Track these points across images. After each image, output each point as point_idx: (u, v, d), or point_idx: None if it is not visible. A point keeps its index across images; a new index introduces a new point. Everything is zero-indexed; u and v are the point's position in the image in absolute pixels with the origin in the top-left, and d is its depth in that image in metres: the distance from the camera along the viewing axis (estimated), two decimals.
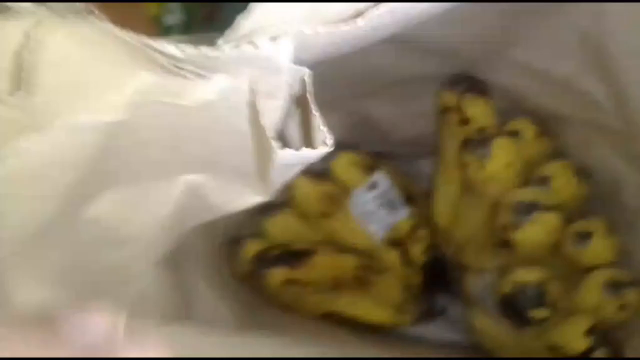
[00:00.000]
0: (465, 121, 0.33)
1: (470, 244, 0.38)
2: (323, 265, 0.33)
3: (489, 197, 0.33)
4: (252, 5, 0.15)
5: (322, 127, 0.16)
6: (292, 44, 0.15)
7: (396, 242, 0.42)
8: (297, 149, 0.17)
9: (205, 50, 0.15)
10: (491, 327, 0.37)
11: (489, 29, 0.26)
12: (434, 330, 0.45)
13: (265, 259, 0.31)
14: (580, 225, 0.32)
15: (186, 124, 0.17)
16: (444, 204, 0.40)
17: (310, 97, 0.17)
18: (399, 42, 0.27)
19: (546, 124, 0.35)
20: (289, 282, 0.31)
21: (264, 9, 0.15)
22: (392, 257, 0.41)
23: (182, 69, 0.16)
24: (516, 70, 0.31)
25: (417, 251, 0.42)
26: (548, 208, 0.29)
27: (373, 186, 0.42)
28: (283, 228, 0.38)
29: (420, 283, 0.43)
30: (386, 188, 0.42)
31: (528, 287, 0.29)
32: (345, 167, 0.40)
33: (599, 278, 0.31)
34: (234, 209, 0.20)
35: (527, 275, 0.29)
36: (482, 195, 0.33)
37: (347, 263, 0.36)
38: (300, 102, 0.17)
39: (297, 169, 0.18)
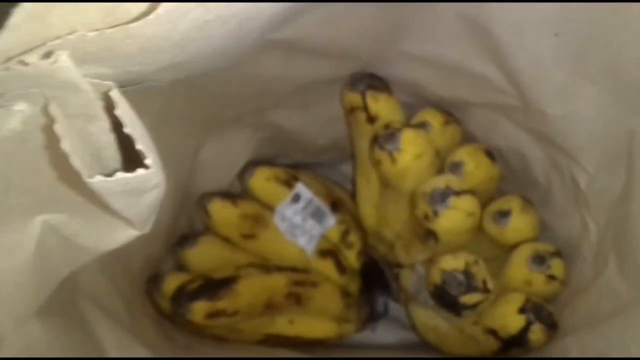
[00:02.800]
0: (372, 119, 0.33)
1: (399, 241, 0.38)
2: (248, 290, 0.31)
3: (406, 191, 0.32)
4: (17, 13, 0.13)
5: (138, 146, 0.15)
6: (69, 55, 0.14)
7: (328, 252, 0.41)
8: (111, 173, 0.15)
9: None
10: (431, 320, 0.37)
11: (372, 26, 0.26)
12: (381, 334, 0.44)
13: (184, 294, 0.29)
14: (497, 205, 0.32)
15: (3, 161, 0.15)
16: (367, 204, 0.39)
17: (123, 114, 0.15)
18: (286, 48, 0.26)
19: (452, 112, 0.35)
20: (214, 314, 0.30)
21: (34, 16, 0.13)
22: (326, 267, 0.41)
23: None
24: (411, 63, 0.31)
25: (351, 257, 0.42)
26: (462, 192, 0.29)
27: (295, 199, 0.41)
28: (205, 257, 0.36)
29: (358, 288, 0.42)
30: (309, 198, 0.41)
31: (455, 274, 0.28)
32: (263, 183, 0.39)
33: (523, 253, 0.31)
34: (110, 246, 0.18)
35: (453, 262, 0.29)
36: (400, 190, 0.33)
37: (277, 282, 0.35)
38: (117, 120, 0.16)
39: (152, 195, 0.17)
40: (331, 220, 0.41)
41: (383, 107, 0.33)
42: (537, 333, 0.29)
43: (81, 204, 0.17)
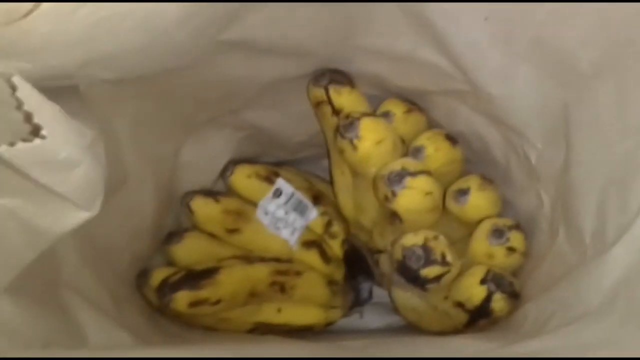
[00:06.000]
0: (337, 111, 0.35)
1: (376, 227, 0.40)
2: (230, 280, 0.33)
3: (372, 177, 0.34)
4: None
5: (35, 121, 0.17)
6: None
7: (313, 243, 0.43)
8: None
9: None
10: (409, 301, 0.39)
11: (318, 24, 0.28)
12: (369, 318, 0.46)
13: (167, 285, 0.31)
14: (457, 184, 0.34)
15: None
16: (344, 195, 0.41)
17: (23, 95, 0.17)
18: (242, 48, 0.28)
19: (414, 101, 0.37)
20: (196, 303, 0.32)
21: None
22: (311, 257, 0.43)
23: None
24: (368, 57, 0.33)
25: (335, 246, 0.44)
26: (417, 172, 0.31)
27: (277, 194, 0.43)
28: (191, 252, 0.38)
29: (343, 276, 0.44)
30: (291, 192, 0.43)
31: (415, 248, 0.30)
32: (244, 180, 0.41)
33: (484, 228, 0.33)
34: (66, 228, 0.20)
35: (413, 238, 0.31)
36: (367, 177, 0.35)
37: (259, 272, 0.37)
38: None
39: (81, 172, 0.19)
40: (313, 213, 0.43)
41: (346, 99, 0.35)
42: (499, 302, 0.31)
43: (31, 188, 0.19)
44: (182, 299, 0.32)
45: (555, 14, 0.23)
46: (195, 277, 0.33)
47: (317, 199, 0.44)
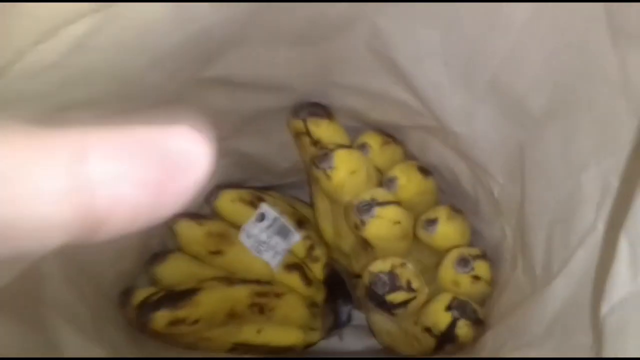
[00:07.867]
0: (315, 142, 0.37)
1: (353, 252, 0.41)
2: (209, 301, 0.35)
3: (345, 206, 0.36)
4: None
5: None
6: None
7: (295, 265, 0.44)
8: None
9: None
10: (384, 324, 0.40)
11: (294, 63, 0.30)
12: (349, 341, 0.48)
13: (147, 305, 0.33)
14: (427, 214, 0.36)
15: None
16: (324, 220, 0.43)
17: None
18: (226, 84, 0.31)
19: (392, 133, 0.39)
20: (175, 322, 0.33)
21: None
22: (292, 279, 0.44)
23: None
24: (344, 92, 0.35)
25: (317, 270, 0.45)
26: (386, 202, 0.33)
27: (261, 218, 0.45)
28: (174, 272, 0.40)
29: (323, 299, 0.45)
30: (274, 217, 0.45)
31: (381, 275, 0.32)
32: (228, 204, 0.43)
33: (451, 256, 0.34)
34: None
35: (380, 265, 0.33)
36: (342, 205, 0.36)
37: (239, 293, 0.38)
38: None
39: None
40: (296, 237, 0.45)
41: (325, 131, 0.37)
42: (463, 328, 0.33)
43: None
44: (161, 318, 0.33)
45: (507, 62, 0.25)
46: (175, 297, 0.35)
47: (300, 224, 0.46)
